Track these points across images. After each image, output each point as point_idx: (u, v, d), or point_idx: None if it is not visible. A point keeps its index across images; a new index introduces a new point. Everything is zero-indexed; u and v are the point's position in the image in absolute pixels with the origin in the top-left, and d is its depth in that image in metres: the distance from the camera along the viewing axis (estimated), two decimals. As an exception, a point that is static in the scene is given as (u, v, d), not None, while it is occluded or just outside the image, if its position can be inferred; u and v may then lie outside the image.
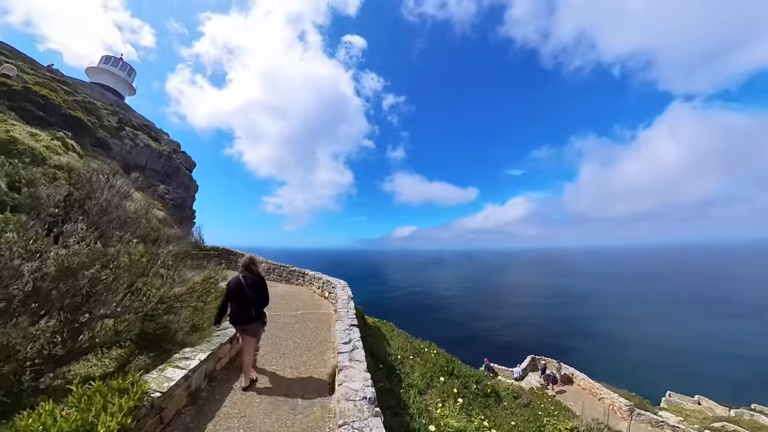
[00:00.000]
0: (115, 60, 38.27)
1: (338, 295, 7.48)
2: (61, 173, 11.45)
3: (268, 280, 12.81)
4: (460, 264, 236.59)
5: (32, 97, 17.22)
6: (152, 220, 15.45)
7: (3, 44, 26.21)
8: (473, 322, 64.39)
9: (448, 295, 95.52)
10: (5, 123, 13.38)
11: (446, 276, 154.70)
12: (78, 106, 21.56)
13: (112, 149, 22.79)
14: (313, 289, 10.90)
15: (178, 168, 31.63)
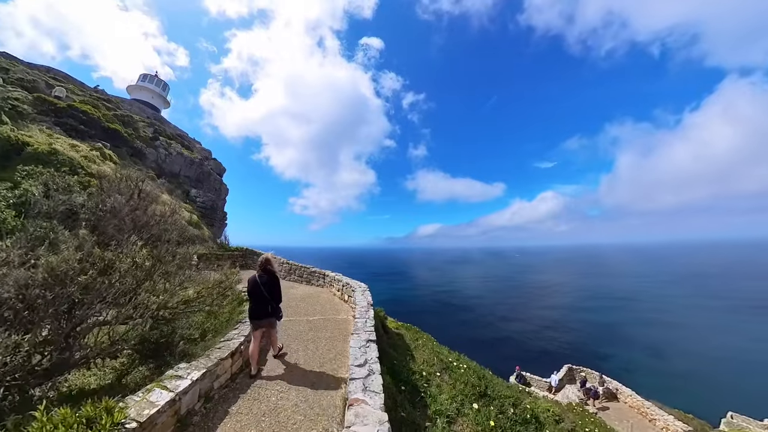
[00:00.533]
0: (151, 77, 41.39)
1: (357, 301, 6.88)
2: (94, 180, 11.88)
3: (289, 281, 12.59)
4: (487, 262, 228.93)
5: (75, 113, 18.62)
6: (180, 222, 15.88)
7: (58, 71, 29.32)
8: (502, 324, 61.68)
9: (475, 295, 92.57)
10: (50, 136, 14.34)
11: (472, 275, 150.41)
12: (116, 120, 23.05)
13: (147, 158, 24.23)
14: (333, 291, 10.43)
15: (209, 174, 33.15)
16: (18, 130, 12.58)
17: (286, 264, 13.23)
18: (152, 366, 4.21)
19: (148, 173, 21.03)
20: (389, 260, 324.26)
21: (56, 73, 28.62)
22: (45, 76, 24.54)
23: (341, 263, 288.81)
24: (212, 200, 30.37)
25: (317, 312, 7.86)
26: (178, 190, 24.75)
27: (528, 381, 18.71)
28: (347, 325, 6.51)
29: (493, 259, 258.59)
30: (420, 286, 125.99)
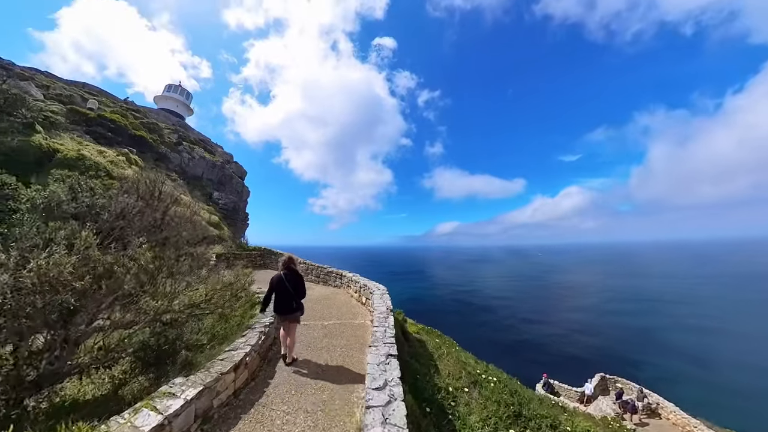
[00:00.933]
0: (175, 87, 43.52)
1: (375, 305, 6.36)
2: (116, 183, 12.08)
3: (306, 281, 12.34)
4: (508, 261, 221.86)
5: (104, 122, 19.78)
6: (201, 222, 16.09)
7: (93, 86, 31.61)
8: (525, 327, 59.15)
9: (496, 295, 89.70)
10: (80, 144, 14.99)
11: (493, 274, 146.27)
12: (143, 127, 24.17)
13: (172, 162, 25.16)
14: (350, 292, 10.00)
15: (230, 176, 34.02)
16: (50, 138, 13.21)
17: (302, 264, 12.97)
18: (152, 376, 3.88)
19: (171, 176, 21.79)
20: (407, 259, 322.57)
21: (91, 88, 30.72)
22: (81, 91, 26.22)
23: (359, 262, 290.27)
24: (234, 202, 31.10)
25: (333, 315, 7.42)
26: (198, 192, 25.52)
27: (556, 390, 17.47)
28: (364, 331, 6.01)
29: (515, 258, 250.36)
30: (439, 286, 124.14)
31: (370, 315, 7.15)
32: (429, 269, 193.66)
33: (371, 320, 6.48)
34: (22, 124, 12.30)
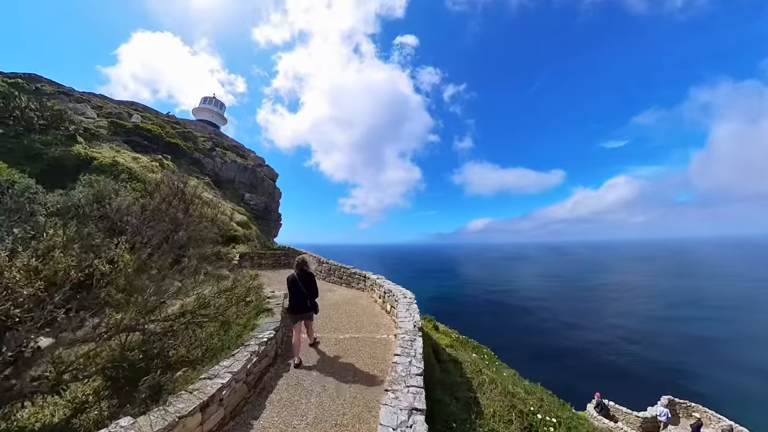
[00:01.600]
0: (209, 99, 46.55)
1: (400, 317, 5.29)
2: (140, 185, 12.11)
3: (328, 281, 11.47)
4: (546, 259, 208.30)
5: (141, 132, 21.14)
6: (226, 222, 16.13)
7: (139, 104, 34.29)
8: (567, 332, 54.36)
9: (534, 297, 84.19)
10: (117, 152, 15.67)
11: (529, 273, 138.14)
12: (178, 136, 25.74)
13: (205, 167, 26.33)
14: (374, 297, 9.03)
15: (262, 179, 35.12)
16: (89, 148, 13.86)
17: (325, 264, 12.29)
18: (116, 404, 3.14)
19: (203, 179, 22.57)
20: (437, 257, 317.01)
21: (138, 105, 33.45)
22: (128, 109, 28.51)
23: (388, 260, 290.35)
24: (265, 203, 31.86)
25: (351, 326, 6.45)
26: (230, 194, 26.32)
27: (612, 413, 15.12)
28: (385, 352, 4.94)
29: (554, 256, 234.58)
30: (470, 284, 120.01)
31: (395, 327, 6.09)
32: (460, 267, 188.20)
33: (395, 335, 5.42)
34: (64, 136, 13.14)
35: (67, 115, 14.31)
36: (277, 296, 7.18)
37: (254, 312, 5.70)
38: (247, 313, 5.77)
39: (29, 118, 12.52)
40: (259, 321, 5.30)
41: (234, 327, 5.20)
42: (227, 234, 13.70)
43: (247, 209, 26.09)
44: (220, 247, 13.00)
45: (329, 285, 11.32)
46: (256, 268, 13.54)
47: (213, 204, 17.11)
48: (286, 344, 5.47)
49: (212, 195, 20.67)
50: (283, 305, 6.67)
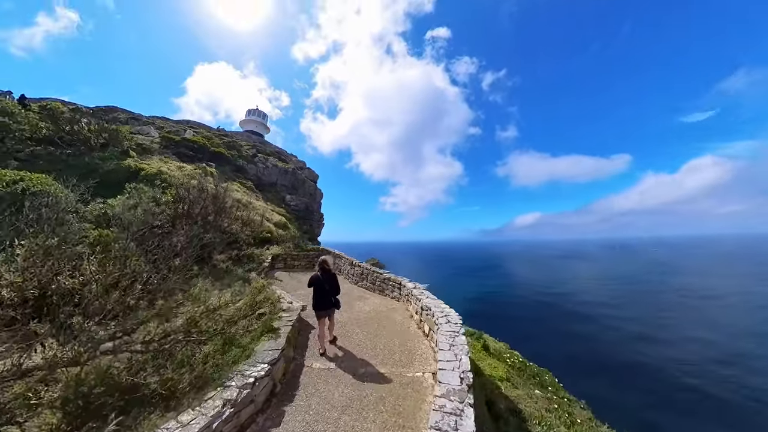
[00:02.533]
0: (253, 111, 50.66)
1: (441, 357, 3.95)
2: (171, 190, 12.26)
3: (359, 287, 10.62)
4: (609, 258, 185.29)
5: (187, 144, 22.99)
6: (261, 223, 16.14)
7: (195, 122, 37.82)
8: (638, 346, 46.53)
9: (594, 302, 75.16)
10: (165, 162, 16.67)
11: (589, 273, 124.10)
12: (222, 145, 27.52)
13: (248, 172, 27.85)
14: (409, 310, 7.79)
15: (303, 181, 36.08)
16: (140, 161, 14.91)
17: (357, 267, 11.37)
18: None
19: (246, 183, 23.73)
20: (481, 254, 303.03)
21: (192, 123, 37.01)
22: (185, 126, 31.78)
23: (429, 257, 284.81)
24: (306, 203, 32.73)
25: (378, 353, 5.21)
26: (272, 196, 27.35)
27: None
28: (416, 406, 3.66)
29: (618, 254, 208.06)
30: (519, 285, 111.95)
31: (434, 360, 4.79)
32: (507, 265, 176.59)
33: (433, 373, 4.13)
34: (119, 152, 14.58)
35: (122, 134, 15.82)
36: (294, 308, 6.31)
37: (259, 330, 4.86)
38: (254, 330, 4.95)
39: (88, 138, 13.88)
40: (258, 345, 4.41)
41: (234, 349, 4.39)
42: (259, 236, 13.51)
43: (288, 210, 26.80)
44: (253, 249, 12.85)
45: (360, 291, 10.34)
46: (288, 269, 13.21)
47: (249, 206, 17.33)
48: (293, 371, 4.56)
49: (253, 198, 21.28)
50: (297, 319, 5.86)
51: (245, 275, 10.18)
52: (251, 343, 4.59)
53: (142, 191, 9.88)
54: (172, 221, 9.55)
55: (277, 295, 7.12)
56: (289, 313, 5.91)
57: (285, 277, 11.91)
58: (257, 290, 6.59)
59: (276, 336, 4.67)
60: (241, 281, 9.59)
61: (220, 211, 11.39)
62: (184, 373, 3.54)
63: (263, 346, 4.37)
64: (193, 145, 22.93)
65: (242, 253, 12.04)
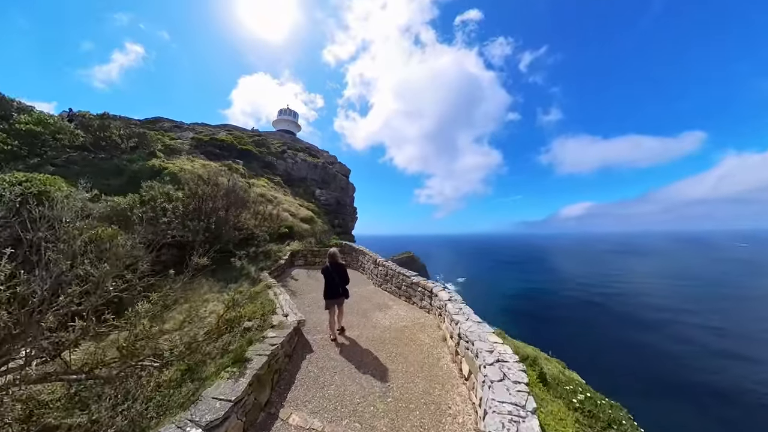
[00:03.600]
0: (284, 110, 51.86)
1: (488, 407, 2.26)
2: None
3: (383, 289, 9.10)
4: (678, 254, 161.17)
5: (215, 142, 23.56)
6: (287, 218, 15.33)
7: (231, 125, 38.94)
8: (712, 362, 38.63)
9: (660, 306, 65.23)
10: (191, 162, 16.60)
11: (651, 272, 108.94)
12: (252, 143, 27.94)
13: (277, 168, 27.98)
14: (440, 326, 6.06)
15: (334, 175, 35.69)
16: (166, 161, 15.07)
17: (382, 267, 9.81)
18: None
19: (274, 179, 23.57)
20: (522, 247, 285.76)
21: (229, 126, 38.19)
22: (221, 129, 32.86)
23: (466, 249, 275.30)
24: (337, 197, 32.50)
25: (391, 407, 3.67)
26: (301, 191, 27.07)
27: None
28: None
29: (690, 250, 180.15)
30: (565, 281, 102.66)
31: (475, 422, 3.07)
32: (551, 260, 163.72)
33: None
34: (146, 153, 15.00)
35: (150, 137, 16.47)
36: (287, 324, 4.93)
37: (228, 359, 3.53)
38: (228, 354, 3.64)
39: (118, 143, 14.41)
40: (212, 386, 3.04)
41: (188, 384, 3.08)
42: (278, 231, 12.58)
43: (318, 204, 26.42)
44: (271, 245, 11.94)
45: (383, 296, 8.76)
46: (308, 266, 12.12)
47: (273, 201, 16.64)
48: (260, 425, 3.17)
49: (280, 193, 20.88)
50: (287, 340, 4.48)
51: (257, 274, 9.21)
52: (213, 377, 3.27)
53: (151, 188, 9.32)
54: (182, 218, 8.83)
55: (275, 302, 5.82)
56: (278, 331, 4.54)
57: (302, 276, 10.80)
58: (252, 296, 5.31)
59: (241, 372, 3.28)
60: (251, 281, 8.58)
61: (235, 206, 10.53)
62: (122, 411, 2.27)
63: (217, 389, 3.00)
64: (221, 144, 23.31)
65: (260, 250, 11.17)
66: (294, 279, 10.27)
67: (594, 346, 48.10)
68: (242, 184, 15.88)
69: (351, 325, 6.36)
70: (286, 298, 6.97)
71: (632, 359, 41.36)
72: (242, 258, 10.33)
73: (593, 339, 50.27)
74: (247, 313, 4.91)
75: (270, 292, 6.95)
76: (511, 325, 62.86)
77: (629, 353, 44.31)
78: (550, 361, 9.88)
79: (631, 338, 48.08)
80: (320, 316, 6.62)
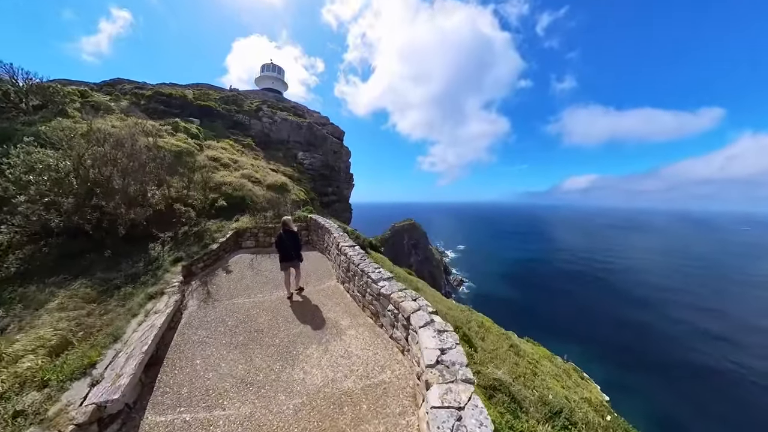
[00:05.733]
0: (267, 65, 44.68)
1: None
2: None
3: (345, 288, 6.27)
4: (681, 234, 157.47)
5: (160, 97, 20.14)
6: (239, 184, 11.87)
7: (203, 84, 34.02)
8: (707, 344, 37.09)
9: (655, 284, 63.53)
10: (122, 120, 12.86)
11: (652, 250, 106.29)
12: (218, 100, 24.47)
13: (251, 128, 24.19)
14: (420, 385, 3.10)
15: (324, 138, 31.43)
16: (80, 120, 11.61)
17: (343, 256, 6.64)
18: None
19: (242, 141, 20.10)
20: (524, 217, 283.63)
21: (202, 85, 33.10)
22: (193, 89, 27.97)
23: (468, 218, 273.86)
24: (324, 161, 28.85)
25: None
26: (281, 154, 23.33)
27: None
28: None
29: (693, 230, 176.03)
30: (562, 251, 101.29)
31: None
32: (551, 231, 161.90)
33: None
34: (53, 113, 11.58)
35: (60, 93, 12.74)
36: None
37: None
38: None
39: (16, 101, 11.12)
40: None
41: None
42: (209, 203, 9.22)
43: (299, 169, 22.93)
44: (211, 223, 8.72)
45: (339, 303, 5.62)
46: (259, 249, 9.00)
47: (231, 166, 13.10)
48: None
49: (248, 157, 17.33)
50: None
51: (170, 267, 6.14)
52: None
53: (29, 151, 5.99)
54: (55, 194, 5.65)
55: (125, 336, 2.76)
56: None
57: (243, 264, 7.73)
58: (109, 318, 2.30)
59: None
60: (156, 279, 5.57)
61: (139, 173, 7.14)
62: None
63: None
64: (167, 100, 19.59)
65: (194, 230, 7.98)
66: (227, 271, 7.16)
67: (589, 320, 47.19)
68: (188, 147, 12.28)
69: (247, 382, 3.38)
70: (157, 324, 3.92)
71: (623, 333, 40.45)
72: (166, 242, 7.23)
73: (589, 311, 49.33)
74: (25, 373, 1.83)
75: (146, 308, 3.95)
76: (505, 288, 62.41)
77: (621, 328, 43.42)
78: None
79: (629, 315, 46.92)
80: (214, 366, 3.61)
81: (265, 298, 5.99)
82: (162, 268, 6.06)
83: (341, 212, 33.52)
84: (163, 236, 7.28)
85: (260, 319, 5.07)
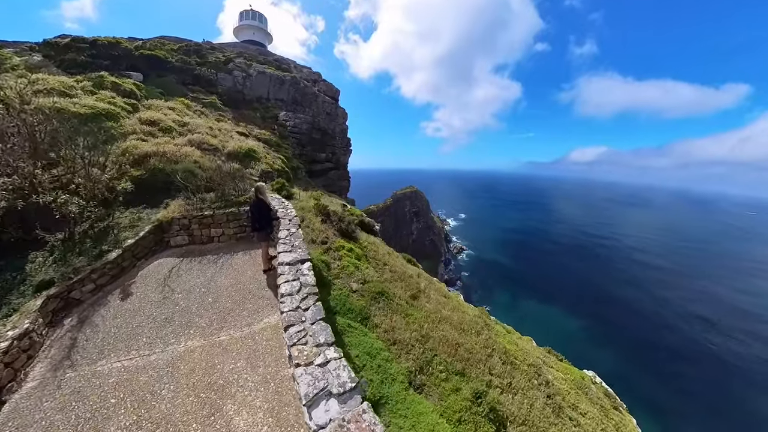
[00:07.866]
0: (247, 13, 37.37)
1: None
2: None
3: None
4: (683, 214, 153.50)
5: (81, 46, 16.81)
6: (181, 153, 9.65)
7: (170, 36, 28.76)
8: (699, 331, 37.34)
9: (652, 264, 63.01)
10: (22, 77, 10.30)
11: (649, 227, 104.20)
12: (179, 52, 21.34)
13: (219, 84, 21.00)
14: None
15: (314, 96, 27.73)
16: None
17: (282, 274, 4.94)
18: None
19: (204, 99, 17.05)
20: (527, 188, 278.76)
21: (169, 38, 28.21)
22: (157, 42, 23.36)
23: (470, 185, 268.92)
24: (315, 124, 25.59)
25: None
26: (258, 114, 20.19)
27: None
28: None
29: (696, 211, 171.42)
30: (560, 223, 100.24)
31: None
32: (552, 203, 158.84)
33: None
34: None
35: None
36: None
37: None
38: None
39: None
40: None
41: None
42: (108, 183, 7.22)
43: (281, 132, 19.98)
44: (125, 214, 6.90)
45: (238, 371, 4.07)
46: (196, 245, 7.35)
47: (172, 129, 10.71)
48: None
49: (208, 120, 14.66)
50: None
51: (27, 301, 4.50)
52: None
53: None
54: None
55: None
56: None
57: (156, 282, 5.68)
58: None
59: None
60: None
61: None
62: None
63: None
64: (90, 51, 15.98)
65: (96, 227, 6.19)
66: (124, 295, 5.25)
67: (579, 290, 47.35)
68: (110, 109, 9.87)
69: None
70: None
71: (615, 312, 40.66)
72: (56, 246, 5.52)
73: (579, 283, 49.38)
74: None
75: None
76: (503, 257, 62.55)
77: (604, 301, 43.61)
78: None
79: (620, 293, 46.90)
80: None
81: (150, 359, 3.83)
82: (12, 304, 4.39)
83: (337, 180, 30.77)
84: (52, 239, 5.56)
85: (118, 417, 3.14)
